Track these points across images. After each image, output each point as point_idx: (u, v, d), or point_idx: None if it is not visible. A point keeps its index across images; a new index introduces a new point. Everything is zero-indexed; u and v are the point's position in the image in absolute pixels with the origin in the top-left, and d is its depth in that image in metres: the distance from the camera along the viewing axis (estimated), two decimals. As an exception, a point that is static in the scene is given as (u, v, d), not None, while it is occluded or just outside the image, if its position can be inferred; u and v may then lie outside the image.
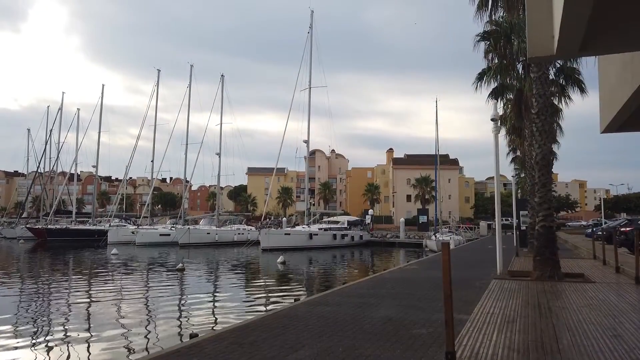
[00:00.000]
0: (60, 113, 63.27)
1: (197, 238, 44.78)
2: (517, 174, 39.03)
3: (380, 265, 28.31)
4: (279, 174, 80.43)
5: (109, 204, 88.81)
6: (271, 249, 36.48)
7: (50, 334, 10.36)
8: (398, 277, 14.83)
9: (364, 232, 48.50)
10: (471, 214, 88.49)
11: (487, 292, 10.67)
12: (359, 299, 10.07)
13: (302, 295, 15.25)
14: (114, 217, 57.71)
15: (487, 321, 7.53)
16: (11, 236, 54.88)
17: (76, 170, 62.17)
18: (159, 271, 24.32)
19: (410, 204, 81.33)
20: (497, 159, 14.34)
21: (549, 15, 3.13)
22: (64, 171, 64.95)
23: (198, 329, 10.15)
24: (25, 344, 9.50)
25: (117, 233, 47.15)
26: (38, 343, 9.60)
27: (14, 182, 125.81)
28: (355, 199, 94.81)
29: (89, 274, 23.33)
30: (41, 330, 10.77)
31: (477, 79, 21.56)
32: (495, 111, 14.43)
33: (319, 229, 44.46)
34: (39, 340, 9.81)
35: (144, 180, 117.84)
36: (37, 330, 10.76)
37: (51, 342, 9.69)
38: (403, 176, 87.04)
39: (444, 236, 39.28)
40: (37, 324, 11.53)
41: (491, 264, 15.81)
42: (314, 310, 8.71)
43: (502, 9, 15.61)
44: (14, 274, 23.36)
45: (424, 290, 11.35)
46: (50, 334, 10.43)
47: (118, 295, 16.37)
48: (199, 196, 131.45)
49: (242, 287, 19.71)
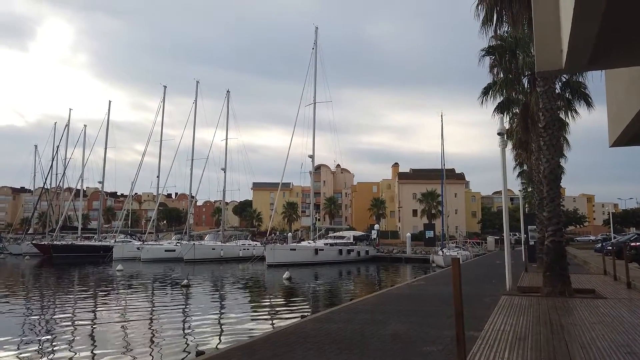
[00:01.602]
0: (67, 129, 63.89)
1: (202, 254, 44.67)
2: (524, 188, 38.83)
3: (387, 281, 28.06)
4: (284, 189, 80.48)
5: (115, 220, 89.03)
6: (277, 264, 36.28)
7: (55, 353, 10.28)
8: (405, 293, 14.66)
9: (370, 248, 48.23)
10: (478, 228, 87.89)
11: (497, 308, 10.50)
12: (366, 315, 9.94)
13: (309, 312, 15.09)
14: (120, 233, 57.79)
15: (498, 338, 7.38)
16: (17, 252, 55.01)
17: (82, 186, 62.54)
18: (164, 287, 24.22)
19: (416, 218, 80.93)
20: (505, 173, 14.26)
21: (557, 30, 3.11)
22: (70, 187, 65.33)
23: (204, 347, 10.03)
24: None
25: (122, 249, 47.14)
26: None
27: (21, 198, 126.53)
28: (360, 213, 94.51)
29: (94, 290, 23.25)
30: (46, 349, 10.69)
31: (483, 94, 21.57)
32: (502, 125, 14.40)
33: (324, 244, 44.28)
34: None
35: (150, 196, 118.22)
36: (41, 349, 10.67)
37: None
38: (409, 191, 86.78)
39: (451, 251, 38.93)
40: (42, 342, 11.45)
41: (500, 279, 15.61)
42: (321, 327, 8.59)
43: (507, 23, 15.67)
44: (20, 291, 23.33)
45: (433, 307, 11.20)
46: (55, 352, 10.34)
47: (123, 313, 16.26)
48: (204, 211, 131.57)
49: (248, 304, 19.55)
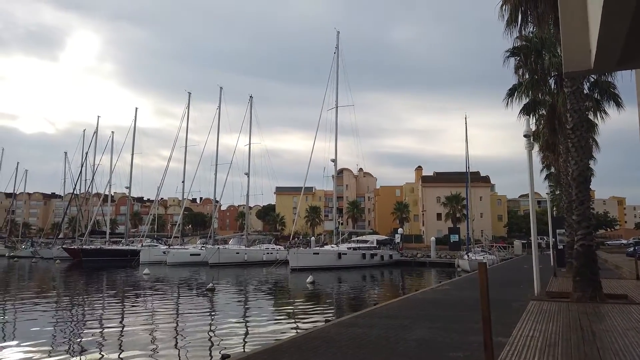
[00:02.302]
0: (95, 136, 65.47)
1: (227, 258, 45.08)
2: (552, 191, 37.96)
3: (411, 286, 27.79)
4: (306, 193, 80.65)
5: (141, 225, 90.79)
6: (300, 268, 36.35)
7: (85, 355, 10.51)
8: (430, 297, 14.51)
9: (394, 252, 47.87)
10: (504, 232, 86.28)
11: (526, 313, 10.28)
12: (391, 320, 9.87)
13: (333, 316, 15.07)
14: (146, 237, 58.79)
15: (527, 345, 7.23)
16: (48, 256, 56.57)
17: (110, 192, 63.91)
18: (190, 291, 24.54)
19: (440, 222, 79.99)
20: (532, 176, 13.98)
21: (585, 30, 3.05)
22: (99, 192, 66.92)
23: (229, 350, 10.12)
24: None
25: (149, 253, 47.99)
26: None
27: (51, 204, 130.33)
28: (384, 217, 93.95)
29: (121, 294, 23.73)
30: (75, 352, 10.94)
31: (508, 95, 21.24)
32: (528, 127, 14.14)
33: (347, 248, 44.14)
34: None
35: (175, 201, 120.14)
36: (72, 350, 10.93)
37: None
38: (433, 194, 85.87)
39: (477, 255, 38.30)
40: (72, 345, 11.73)
41: (528, 284, 15.29)
42: (345, 332, 8.57)
43: (532, 24, 15.41)
44: (52, 294, 23.98)
45: (458, 312, 11.04)
46: (85, 355, 10.58)
47: (150, 316, 16.54)
48: (228, 216, 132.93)
49: (272, 307, 19.64)
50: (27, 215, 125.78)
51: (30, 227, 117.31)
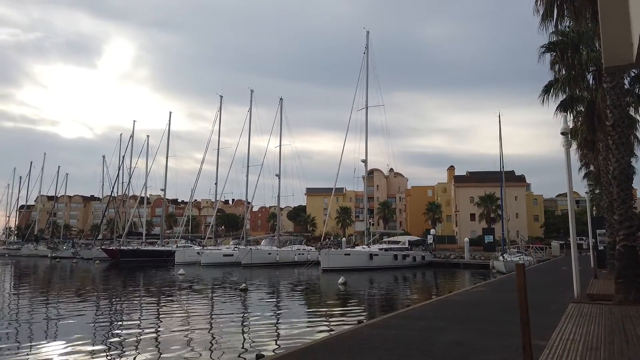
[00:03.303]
0: (131, 140, 67.38)
1: (259, 258, 45.56)
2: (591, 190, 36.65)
3: (444, 287, 27.39)
4: (337, 194, 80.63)
5: (176, 226, 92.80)
6: (331, 269, 36.37)
7: (123, 353, 10.83)
8: (465, 299, 14.26)
9: (426, 253, 47.24)
10: (541, 233, 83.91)
11: (565, 316, 9.97)
12: (424, 321, 9.76)
13: (365, 317, 15.01)
14: (181, 238, 60.06)
15: (567, 348, 7.01)
16: (88, 257, 58.57)
17: (146, 194, 65.55)
18: (223, 291, 24.92)
19: (474, 223, 78.47)
20: (570, 175, 13.55)
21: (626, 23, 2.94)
22: (135, 195, 68.91)
23: (262, 350, 10.23)
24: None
25: (183, 254, 49.02)
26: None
27: (91, 206, 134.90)
28: (415, 218, 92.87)
29: (158, 293, 24.32)
30: (113, 349, 11.28)
31: (544, 92, 20.64)
32: (566, 124, 13.70)
33: (379, 249, 43.85)
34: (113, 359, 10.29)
35: (208, 202, 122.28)
36: (109, 348, 11.28)
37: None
38: (466, 194, 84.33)
39: (513, 257, 37.38)
40: (110, 343, 12.10)
41: (567, 286, 14.83)
42: (378, 333, 8.53)
43: (568, 18, 14.97)
44: (92, 294, 24.82)
45: (494, 314, 10.82)
46: (123, 353, 10.89)
47: (185, 315, 16.88)
48: (260, 217, 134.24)
49: (304, 308, 19.72)
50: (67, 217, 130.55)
51: (70, 229, 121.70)
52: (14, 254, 72.84)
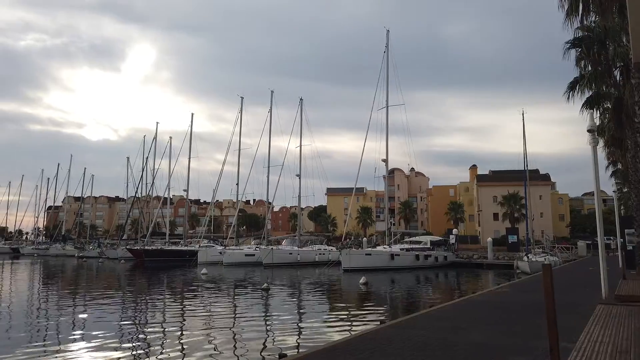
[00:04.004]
0: (154, 142, 68.46)
1: (280, 258, 45.77)
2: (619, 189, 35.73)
3: (468, 288, 27.06)
4: (358, 193, 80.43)
5: (198, 226, 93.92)
6: (352, 269, 36.30)
7: (147, 353, 11.02)
8: (489, 300, 14.07)
9: (449, 253, 46.71)
10: (567, 233, 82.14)
11: (593, 318, 9.75)
12: (448, 322, 9.67)
13: (387, 317, 14.94)
14: (203, 238, 60.77)
15: (595, 350, 6.86)
16: (113, 257, 59.79)
17: (169, 195, 66.58)
18: (245, 290, 25.13)
19: (497, 222, 77.31)
20: (597, 173, 13.24)
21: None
22: (159, 195, 69.99)
23: (284, 349, 10.29)
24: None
25: (206, 253, 49.57)
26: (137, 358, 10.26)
27: (116, 207, 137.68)
28: (437, 218, 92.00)
29: (181, 292, 24.67)
30: (137, 348, 11.49)
31: (569, 89, 20.25)
32: (592, 121, 13.38)
33: (400, 249, 43.57)
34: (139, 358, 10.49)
35: (230, 203, 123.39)
36: (134, 347, 11.49)
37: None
38: (489, 193, 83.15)
39: (538, 257, 36.69)
40: (134, 341, 12.32)
41: (594, 287, 14.50)
42: (401, 334, 8.49)
43: (594, 13, 14.63)
44: (117, 292, 25.32)
45: (519, 315, 10.65)
46: (147, 351, 11.09)
47: (208, 314, 17.07)
48: (281, 217, 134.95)
49: (326, 308, 19.73)
50: (93, 218, 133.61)
51: (96, 229, 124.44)
52: (42, 253, 74.80)
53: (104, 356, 10.33)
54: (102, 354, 10.53)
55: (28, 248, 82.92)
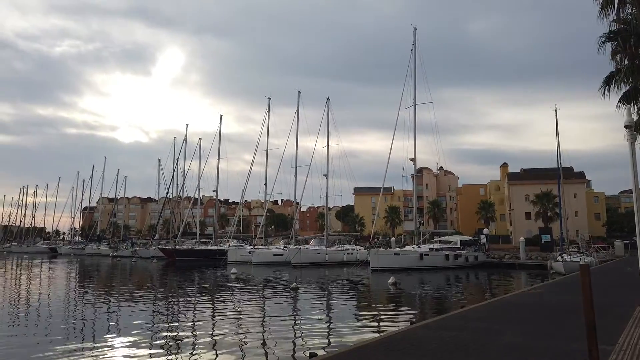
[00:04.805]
0: (184, 144, 69.73)
1: (308, 258, 45.93)
2: (659, 186, 34.33)
3: (500, 289, 26.56)
4: (385, 193, 79.95)
5: (228, 226, 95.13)
6: (381, 269, 36.13)
7: (178, 350, 11.25)
8: (522, 301, 13.79)
9: (479, 253, 45.90)
10: (603, 232, 79.51)
11: (633, 320, 9.45)
12: (480, 323, 9.53)
13: (416, 318, 14.82)
14: (232, 237, 61.55)
15: (636, 353, 6.65)
16: (146, 256, 61.27)
17: (199, 195, 67.71)
18: (275, 290, 25.34)
19: (530, 222, 75.49)
20: (635, 170, 12.79)
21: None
22: (189, 196, 71.22)
23: (314, 349, 10.34)
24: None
25: (235, 253, 50.23)
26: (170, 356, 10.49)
27: (148, 207, 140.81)
28: (467, 217, 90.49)
29: (212, 292, 25.08)
30: (169, 345, 11.74)
31: (604, 84, 19.58)
32: (629, 117, 12.93)
33: (430, 249, 43.08)
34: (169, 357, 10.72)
35: (258, 203, 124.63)
36: (167, 345, 11.75)
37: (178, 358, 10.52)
38: (520, 192, 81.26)
39: (573, 257, 35.66)
40: (167, 339, 12.60)
41: (632, 288, 14.02)
42: (432, 334, 8.41)
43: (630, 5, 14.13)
44: (150, 291, 25.94)
45: (555, 316, 10.40)
46: (179, 349, 11.32)
47: (238, 313, 17.29)
48: (308, 217, 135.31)
49: (354, 307, 19.70)
50: (127, 218, 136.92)
51: (129, 229, 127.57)
52: (78, 253, 77.25)
53: (136, 353, 10.60)
54: (135, 351, 10.82)
55: (65, 248, 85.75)
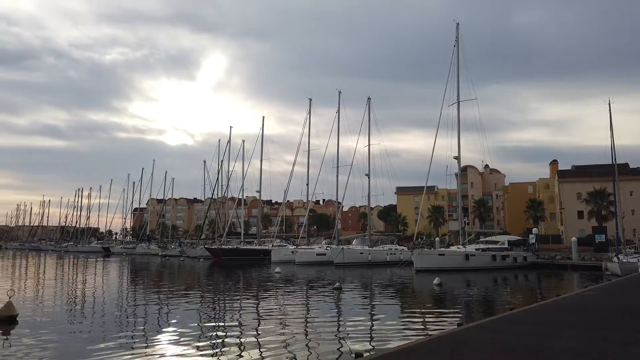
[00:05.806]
0: (228, 146, 71.21)
1: (351, 258, 45.82)
2: None
3: (550, 291, 25.56)
4: (428, 192, 78.52)
5: (271, 226, 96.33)
6: (425, 269, 35.58)
7: (224, 348, 11.47)
8: (575, 303, 13.19)
9: (528, 253, 44.32)
10: (663, 231, 74.97)
11: (700, 326, 8.84)
12: (531, 326, 9.18)
13: (464, 319, 14.47)
14: (276, 237, 62.32)
15: None
16: (193, 255, 63.10)
17: (243, 196, 68.94)
18: (318, 289, 25.43)
19: (582, 221, 72.21)
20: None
21: None
22: (233, 197, 72.76)
23: (359, 349, 10.28)
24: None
25: (279, 253, 50.85)
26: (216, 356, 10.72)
27: (194, 208, 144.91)
28: (514, 216, 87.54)
29: (257, 291, 25.47)
30: (215, 344, 11.98)
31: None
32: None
33: (476, 249, 42.01)
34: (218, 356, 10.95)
35: (300, 203, 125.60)
36: (212, 344, 11.99)
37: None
38: (571, 190, 77.89)
39: (630, 258, 33.86)
40: (212, 338, 12.87)
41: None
42: (481, 337, 8.18)
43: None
44: (197, 290, 26.65)
45: (611, 320, 9.88)
46: (224, 348, 11.53)
47: (283, 313, 17.46)
48: (350, 217, 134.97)
49: (399, 308, 19.48)
50: (174, 219, 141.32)
51: (177, 229, 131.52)
52: (130, 252, 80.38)
53: (183, 351, 10.88)
54: (182, 348, 11.11)
55: (117, 247, 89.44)
